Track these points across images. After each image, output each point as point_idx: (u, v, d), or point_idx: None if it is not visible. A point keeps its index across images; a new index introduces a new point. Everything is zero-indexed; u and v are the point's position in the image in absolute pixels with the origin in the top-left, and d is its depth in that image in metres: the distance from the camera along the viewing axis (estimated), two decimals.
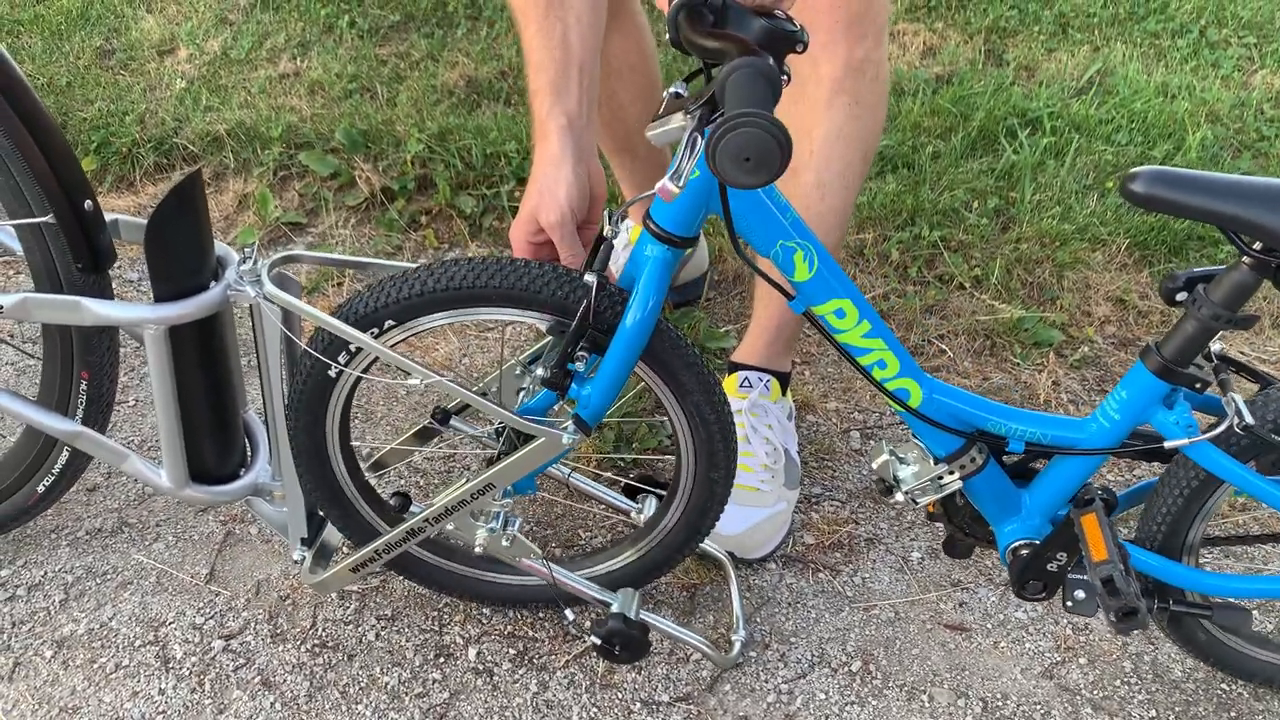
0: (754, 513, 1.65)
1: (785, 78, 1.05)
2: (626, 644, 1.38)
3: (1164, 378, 1.20)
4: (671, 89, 1.14)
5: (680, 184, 1.05)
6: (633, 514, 1.54)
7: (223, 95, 2.68)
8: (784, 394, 1.80)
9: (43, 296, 1.35)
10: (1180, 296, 1.19)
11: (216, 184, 2.49)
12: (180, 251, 1.27)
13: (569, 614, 1.50)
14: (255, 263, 1.29)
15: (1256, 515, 1.74)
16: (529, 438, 1.30)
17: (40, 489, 1.56)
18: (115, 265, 2.22)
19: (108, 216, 1.38)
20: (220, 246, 1.32)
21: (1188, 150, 2.50)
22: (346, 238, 2.36)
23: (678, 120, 1.08)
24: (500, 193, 2.37)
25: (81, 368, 1.44)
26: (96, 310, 1.32)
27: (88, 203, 1.34)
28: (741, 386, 1.75)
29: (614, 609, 1.41)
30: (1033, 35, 3.01)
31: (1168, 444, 1.22)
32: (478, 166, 2.42)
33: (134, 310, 1.32)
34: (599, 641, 1.38)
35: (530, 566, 1.45)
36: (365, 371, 1.33)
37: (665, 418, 1.37)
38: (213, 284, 1.30)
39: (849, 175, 1.63)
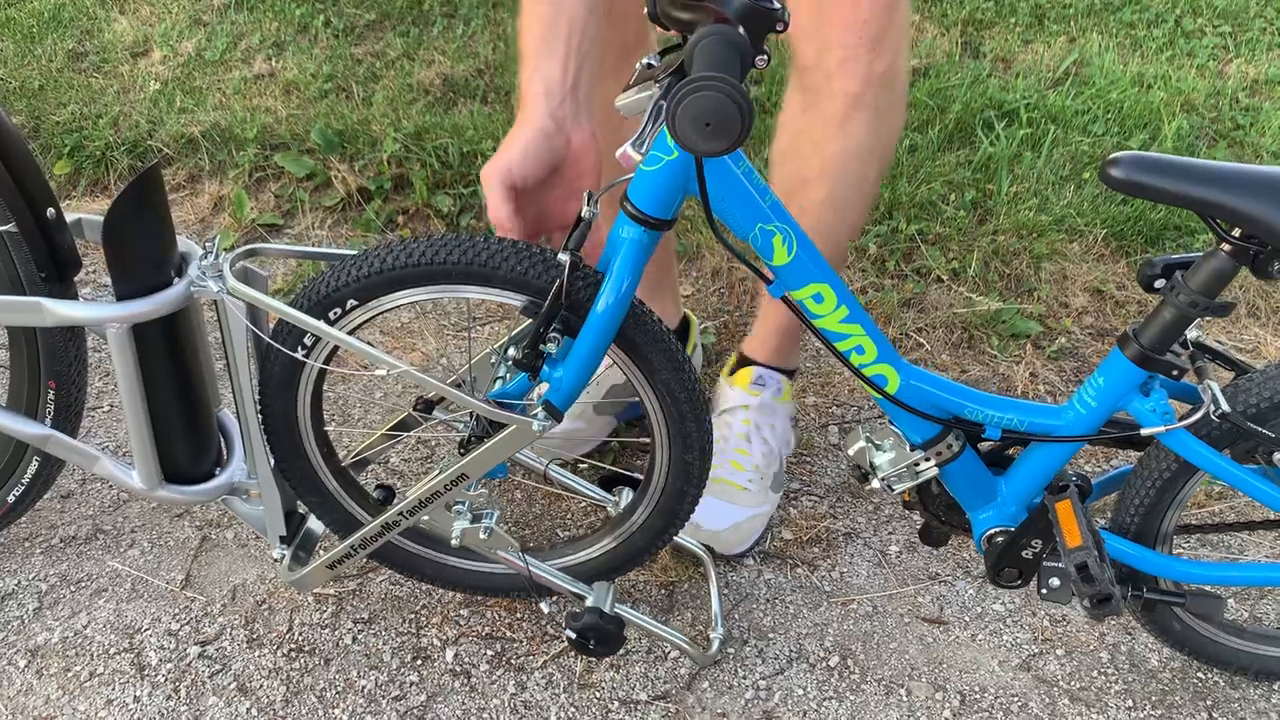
0: (738, 511, 1.65)
1: (765, 58, 1.04)
2: (601, 638, 1.38)
3: (1141, 365, 1.20)
4: (644, 60, 1.12)
5: (642, 151, 1.04)
6: (609, 507, 1.53)
7: (197, 97, 2.66)
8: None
9: (3, 299, 1.33)
10: (1158, 283, 1.19)
11: (191, 186, 2.47)
12: (140, 248, 1.25)
13: (545, 607, 1.49)
14: (217, 257, 1.28)
15: (1233, 504, 1.74)
16: (501, 426, 1.29)
17: (10, 499, 1.54)
18: (89, 270, 2.22)
19: (70, 216, 1.37)
20: (184, 242, 1.30)
21: (1163, 140, 2.50)
22: (323, 239, 2.35)
23: (646, 89, 1.07)
24: (477, 191, 2.36)
25: (49, 378, 1.42)
26: (58, 311, 1.30)
27: (50, 210, 1.33)
28: (754, 384, 1.73)
29: (589, 603, 1.40)
30: (1009, 27, 3.01)
31: (1144, 431, 1.23)
32: (454, 165, 2.41)
33: (95, 310, 1.30)
34: (574, 636, 1.38)
35: (506, 560, 1.44)
36: (328, 362, 1.32)
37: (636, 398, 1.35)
38: (176, 280, 1.28)
39: (865, 188, 1.59)
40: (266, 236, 2.35)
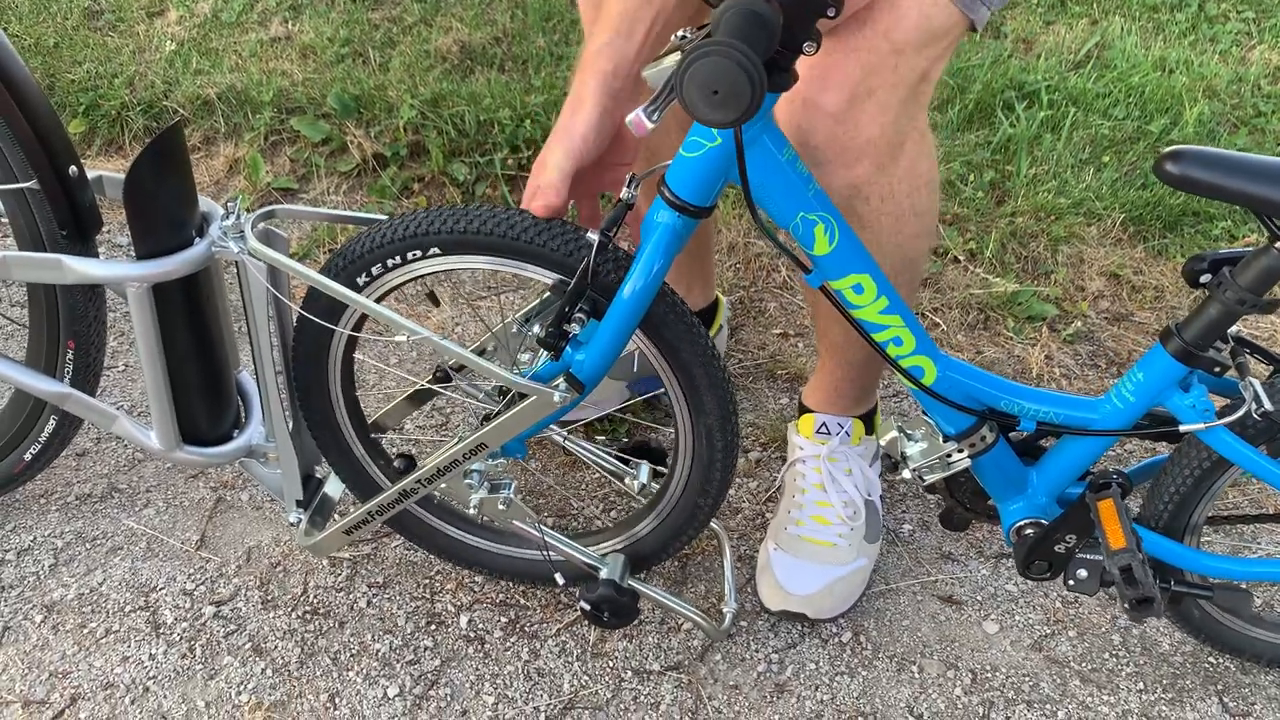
0: (830, 571, 1.53)
1: (813, 44, 1.01)
2: (615, 610, 1.38)
3: (1183, 360, 1.18)
4: (679, 32, 1.09)
5: (653, 119, 1.01)
6: (627, 480, 1.52)
7: (213, 58, 2.65)
8: (868, 431, 1.66)
9: (24, 255, 1.33)
10: (1204, 279, 1.16)
11: (207, 149, 2.46)
12: (161, 207, 1.25)
13: (559, 578, 1.49)
14: (238, 218, 1.27)
15: (1248, 494, 1.75)
16: (522, 396, 1.28)
17: (27, 457, 1.55)
18: (105, 230, 2.21)
19: (91, 173, 1.36)
20: (205, 202, 1.30)
21: (1184, 125, 2.49)
22: (338, 204, 2.34)
23: (672, 59, 1.05)
24: (493, 160, 2.35)
25: (68, 337, 1.42)
26: (78, 268, 1.30)
27: (72, 168, 1.32)
28: (819, 432, 1.63)
29: (603, 575, 1.41)
30: (1031, 8, 2.99)
31: (1183, 428, 1.21)
32: (471, 134, 2.40)
33: (116, 268, 1.30)
34: (587, 607, 1.38)
35: (522, 529, 1.44)
36: (358, 328, 1.31)
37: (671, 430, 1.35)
38: (197, 240, 1.27)
39: None
40: (281, 200, 2.34)
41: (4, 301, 2.08)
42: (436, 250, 1.23)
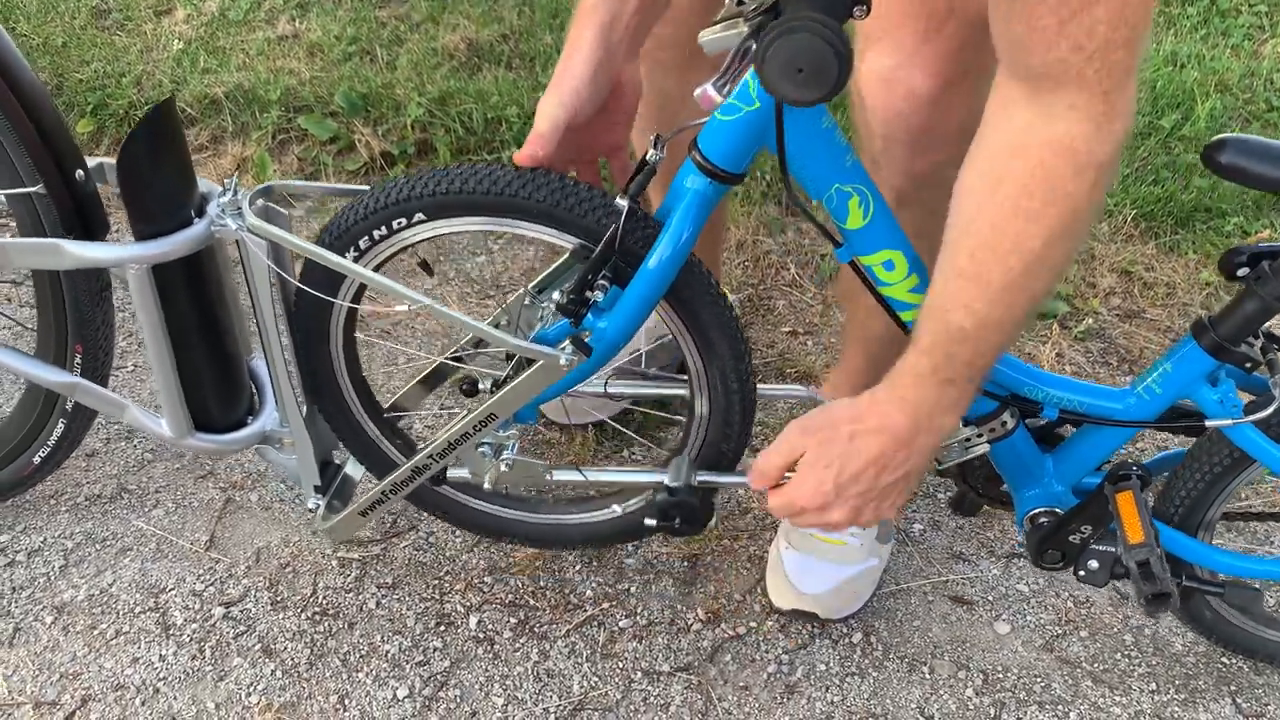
0: (841, 570, 1.52)
1: (864, 7, 0.95)
2: (686, 514, 1.31)
3: (1214, 355, 1.16)
4: None
5: (724, 93, 0.97)
6: (686, 393, 1.39)
7: (220, 57, 2.65)
8: None
9: (22, 241, 1.31)
10: (1242, 272, 1.14)
11: (214, 147, 2.46)
12: (157, 186, 1.23)
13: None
14: (235, 194, 1.25)
15: (1261, 491, 1.73)
16: (529, 361, 1.24)
17: (36, 459, 1.54)
18: (114, 231, 2.21)
19: (91, 161, 1.34)
20: (204, 182, 1.28)
21: (1196, 120, 2.47)
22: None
23: (733, 27, 1.01)
24: (501, 158, 2.34)
25: (75, 341, 1.41)
26: (76, 252, 1.28)
27: (79, 172, 1.31)
28: None
29: (666, 483, 1.32)
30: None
31: (1209, 423, 1.19)
32: (479, 131, 2.39)
33: (114, 250, 1.28)
34: (654, 522, 1.31)
35: (561, 481, 1.40)
36: (357, 301, 1.29)
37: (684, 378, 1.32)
38: (196, 220, 1.25)
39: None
40: (290, 199, 2.34)
41: (13, 303, 2.08)
42: (421, 216, 1.19)
